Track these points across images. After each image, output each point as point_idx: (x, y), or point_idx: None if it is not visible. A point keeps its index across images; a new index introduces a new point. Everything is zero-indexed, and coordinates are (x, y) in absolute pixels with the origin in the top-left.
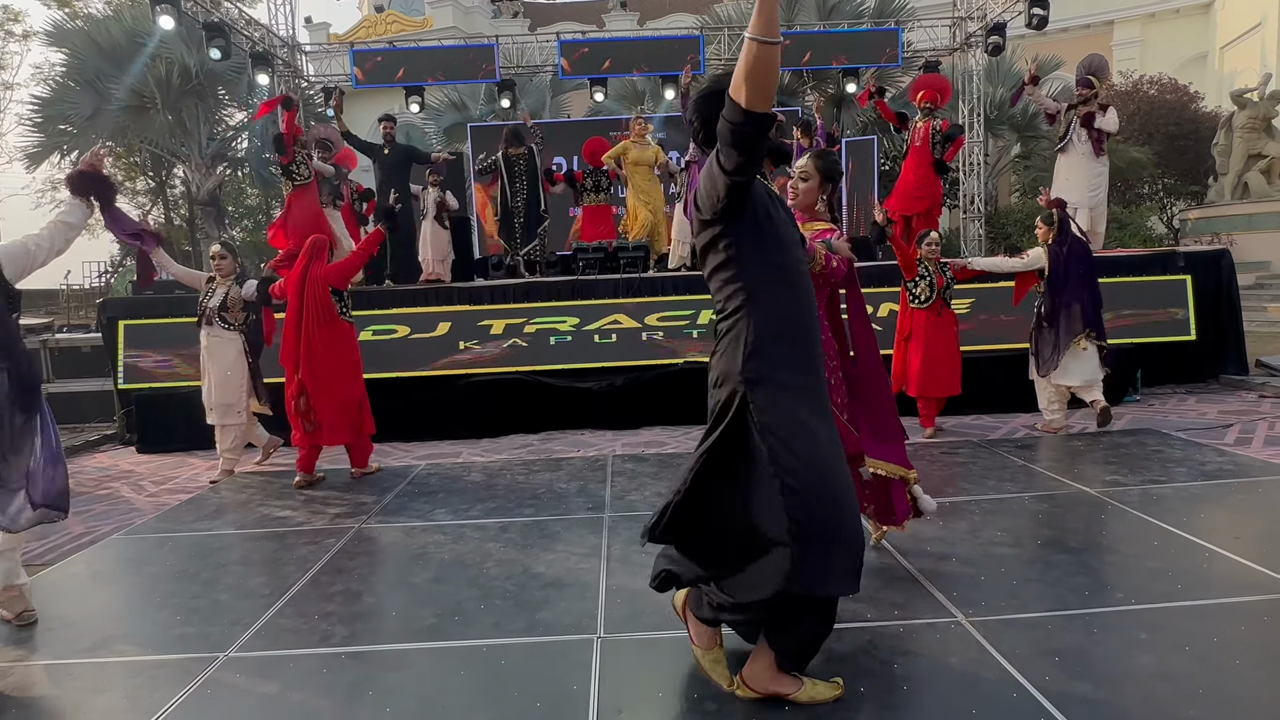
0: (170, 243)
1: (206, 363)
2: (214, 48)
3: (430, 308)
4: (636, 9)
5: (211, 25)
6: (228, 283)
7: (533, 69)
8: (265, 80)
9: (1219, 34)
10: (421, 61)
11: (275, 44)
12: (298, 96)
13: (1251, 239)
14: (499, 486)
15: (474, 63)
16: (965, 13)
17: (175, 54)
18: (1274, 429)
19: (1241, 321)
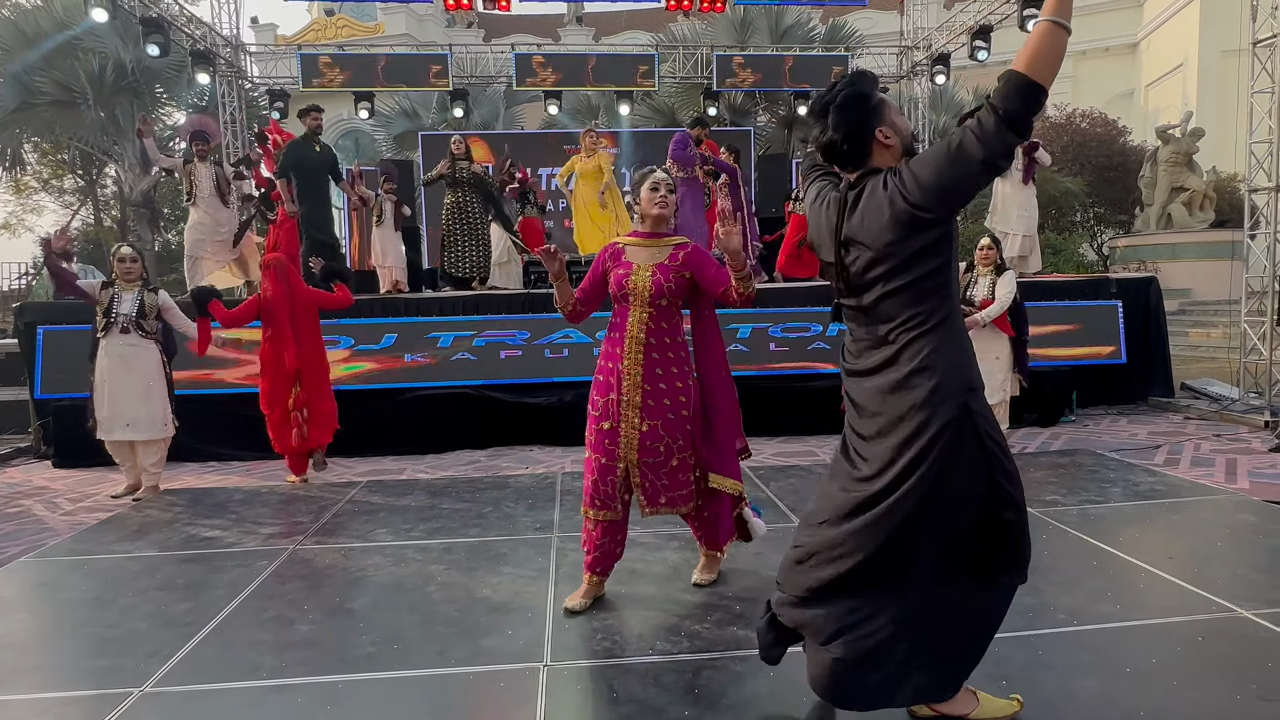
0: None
1: (116, 373)
2: (152, 44)
3: (376, 319)
4: (592, 24)
5: (149, 20)
6: (136, 288)
7: (486, 79)
8: (206, 80)
9: (1145, 73)
10: (372, 67)
11: (218, 43)
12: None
13: (1175, 267)
14: (443, 505)
15: (426, 70)
16: (911, 43)
17: (110, 48)
18: (1199, 450)
19: (1168, 346)
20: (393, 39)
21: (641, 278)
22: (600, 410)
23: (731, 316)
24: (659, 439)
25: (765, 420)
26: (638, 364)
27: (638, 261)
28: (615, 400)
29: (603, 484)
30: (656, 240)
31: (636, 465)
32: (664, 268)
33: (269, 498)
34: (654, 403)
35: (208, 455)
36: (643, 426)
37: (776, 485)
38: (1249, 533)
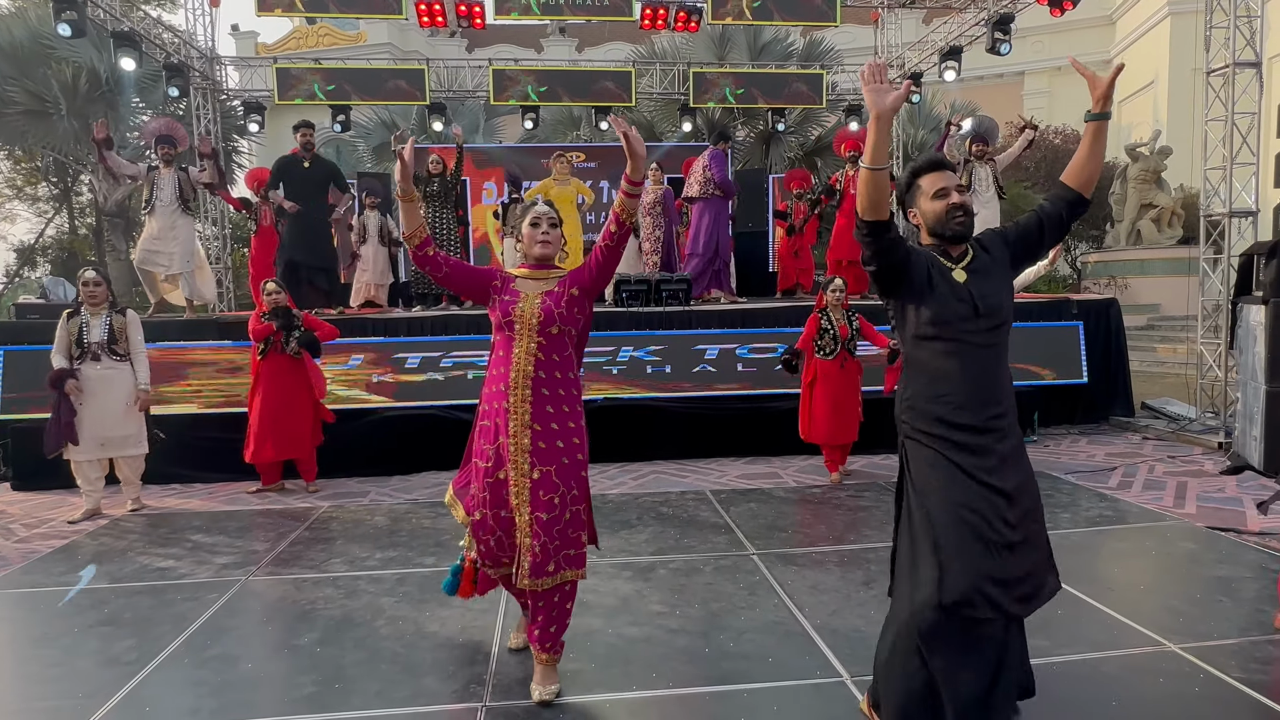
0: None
1: (95, 397)
2: (125, 58)
3: (343, 340)
4: (575, 35)
5: (121, 35)
6: (103, 311)
7: (464, 93)
8: (178, 93)
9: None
10: (348, 81)
11: (192, 55)
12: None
13: (1144, 283)
14: (403, 532)
15: (403, 85)
16: (886, 60)
17: (84, 58)
18: (1153, 472)
19: (1128, 366)
20: (374, 48)
21: (529, 305)
22: (492, 459)
23: (700, 337)
24: (553, 489)
25: (731, 441)
26: (525, 401)
27: (525, 291)
28: (504, 445)
29: (508, 538)
30: (544, 272)
31: (529, 521)
32: (553, 294)
33: (227, 523)
34: (545, 445)
35: (169, 477)
36: (534, 474)
37: (736, 510)
38: (1188, 562)
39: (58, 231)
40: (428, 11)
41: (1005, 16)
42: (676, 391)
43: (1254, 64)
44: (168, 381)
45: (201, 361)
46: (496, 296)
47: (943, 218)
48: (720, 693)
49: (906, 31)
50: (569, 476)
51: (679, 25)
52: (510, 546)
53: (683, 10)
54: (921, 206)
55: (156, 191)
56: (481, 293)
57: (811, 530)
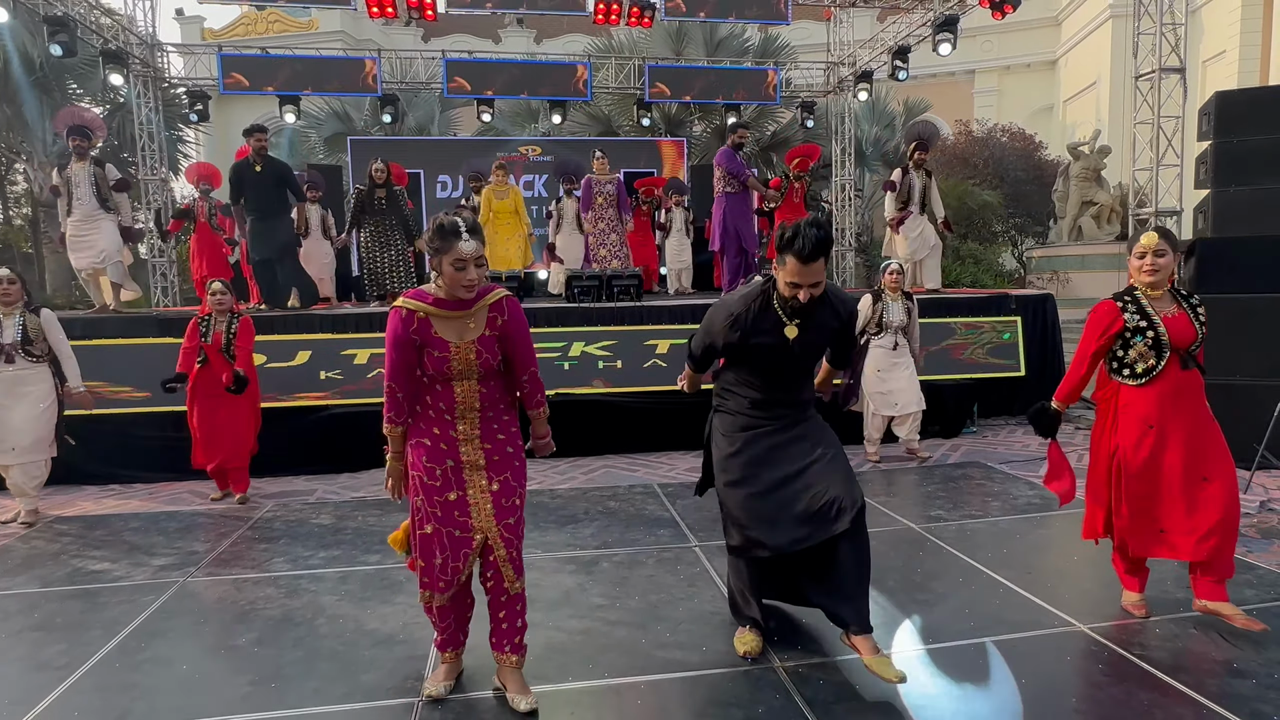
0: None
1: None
2: (55, 44)
3: (289, 335)
4: (534, 27)
5: (54, 19)
6: (16, 311)
7: (418, 84)
8: (119, 80)
9: (1063, 89)
10: (297, 70)
11: (131, 42)
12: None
13: (1085, 277)
14: (347, 530)
15: (354, 75)
16: (838, 58)
17: (16, 42)
18: (1081, 461)
19: (1063, 359)
20: (327, 36)
21: (463, 358)
22: (440, 480)
23: (651, 332)
24: (512, 492)
25: (681, 435)
26: (474, 426)
27: (452, 340)
28: (456, 467)
29: (455, 560)
30: (465, 310)
31: (498, 533)
32: (486, 340)
33: (167, 524)
34: (499, 457)
35: (108, 477)
36: (493, 485)
37: (682, 504)
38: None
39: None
40: (377, 2)
41: (950, 18)
42: (627, 386)
43: (1179, 69)
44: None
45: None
46: (425, 348)
47: (785, 296)
48: (654, 681)
49: (860, 29)
50: (520, 477)
51: (632, 20)
52: (462, 563)
53: (636, 5)
54: (779, 274)
55: (73, 188)
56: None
57: None
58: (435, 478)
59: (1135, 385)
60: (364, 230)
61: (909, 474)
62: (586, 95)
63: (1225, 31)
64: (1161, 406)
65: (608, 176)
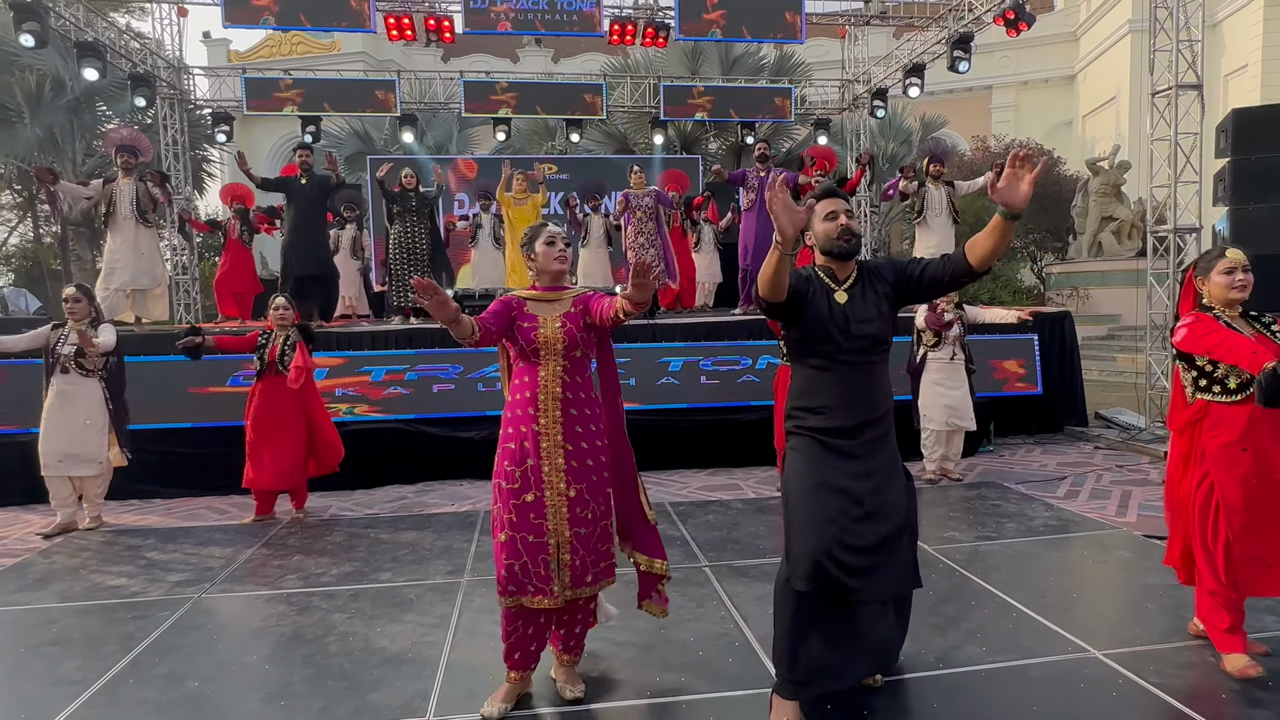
0: (39, 262)
1: (54, 412)
2: (88, 68)
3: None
4: (551, 46)
5: (85, 45)
6: (82, 325)
7: (436, 104)
8: (144, 103)
9: (1081, 103)
10: (318, 91)
11: (159, 65)
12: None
13: (1105, 293)
14: (360, 547)
15: (374, 95)
16: (853, 75)
17: (49, 66)
18: (1100, 481)
19: (1081, 378)
20: (349, 57)
21: (551, 329)
22: (519, 481)
23: (663, 350)
24: (586, 505)
25: (694, 453)
26: (556, 422)
27: (542, 315)
28: (535, 467)
29: (535, 565)
30: (557, 294)
31: (568, 540)
32: (572, 316)
33: (184, 540)
34: (578, 464)
35: (130, 493)
36: (570, 492)
37: (693, 523)
38: (1121, 570)
39: (21, 240)
40: (396, 25)
41: (965, 36)
42: (641, 404)
43: (1196, 86)
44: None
45: (166, 376)
46: (518, 323)
47: (831, 237)
48: (659, 705)
49: (876, 45)
50: (598, 494)
51: (647, 41)
52: (544, 569)
53: (651, 26)
54: (815, 228)
55: (115, 204)
56: (509, 329)
57: (764, 542)
58: (514, 480)
59: (1228, 402)
60: (392, 233)
61: (923, 493)
62: (603, 114)
63: (1247, 45)
64: (1253, 426)
65: (644, 190)
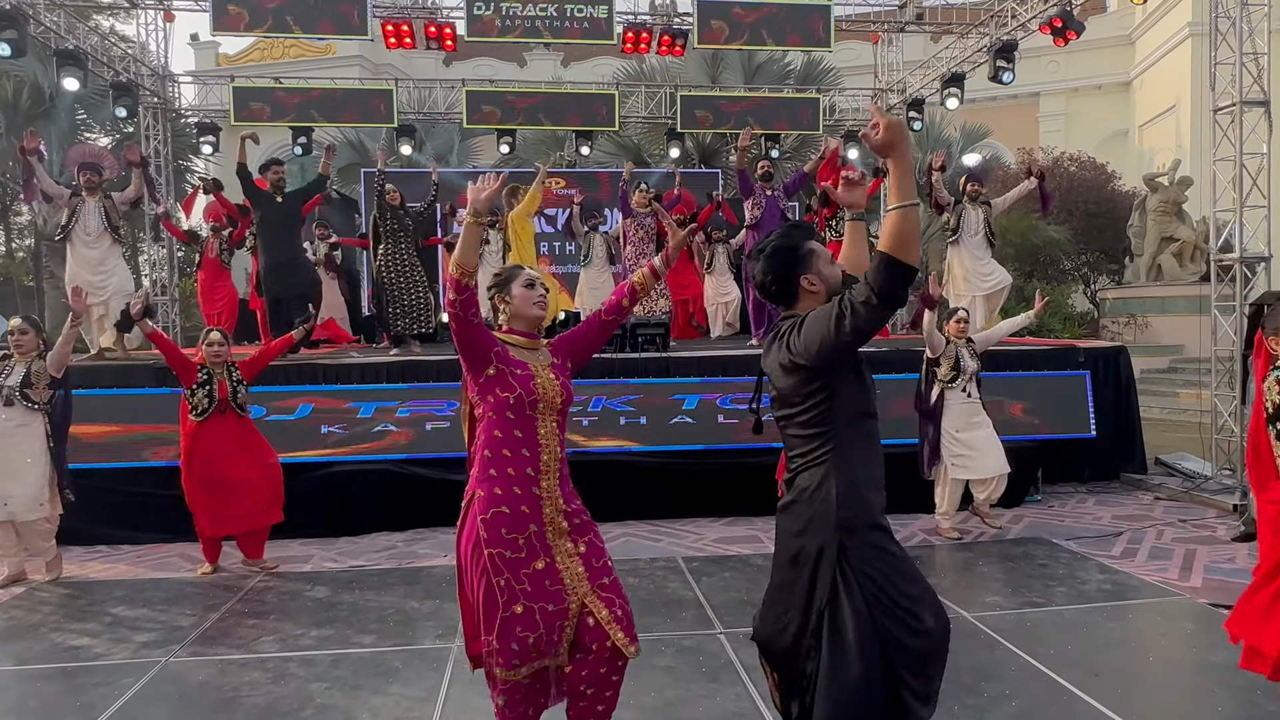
0: (10, 278)
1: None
2: (68, 78)
3: (289, 386)
4: (560, 50)
5: (65, 53)
6: (28, 359)
7: (436, 114)
8: (125, 113)
9: (1138, 113)
10: (310, 101)
11: (143, 72)
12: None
13: (1165, 321)
14: (343, 605)
15: (370, 105)
16: (886, 84)
17: (28, 73)
18: (1161, 538)
19: (1139, 419)
20: (344, 61)
21: (547, 380)
22: (524, 549)
23: (677, 386)
24: (600, 554)
25: (710, 500)
26: (556, 485)
27: (532, 363)
28: (539, 533)
29: (551, 633)
30: (537, 343)
31: (594, 595)
32: (559, 369)
33: (153, 594)
34: (580, 520)
35: (95, 538)
36: (580, 547)
37: (708, 582)
38: (1184, 645)
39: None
40: (394, 32)
41: (1009, 44)
42: (652, 445)
43: (1263, 103)
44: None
45: (136, 409)
46: (503, 368)
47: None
48: None
49: (911, 50)
50: (600, 539)
51: (663, 49)
52: (558, 636)
53: (667, 33)
54: (822, 270)
55: (79, 221)
56: (483, 357)
57: None
58: (519, 549)
59: None
60: (380, 253)
61: (962, 551)
62: (614, 125)
63: None
64: None
65: (648, 210)
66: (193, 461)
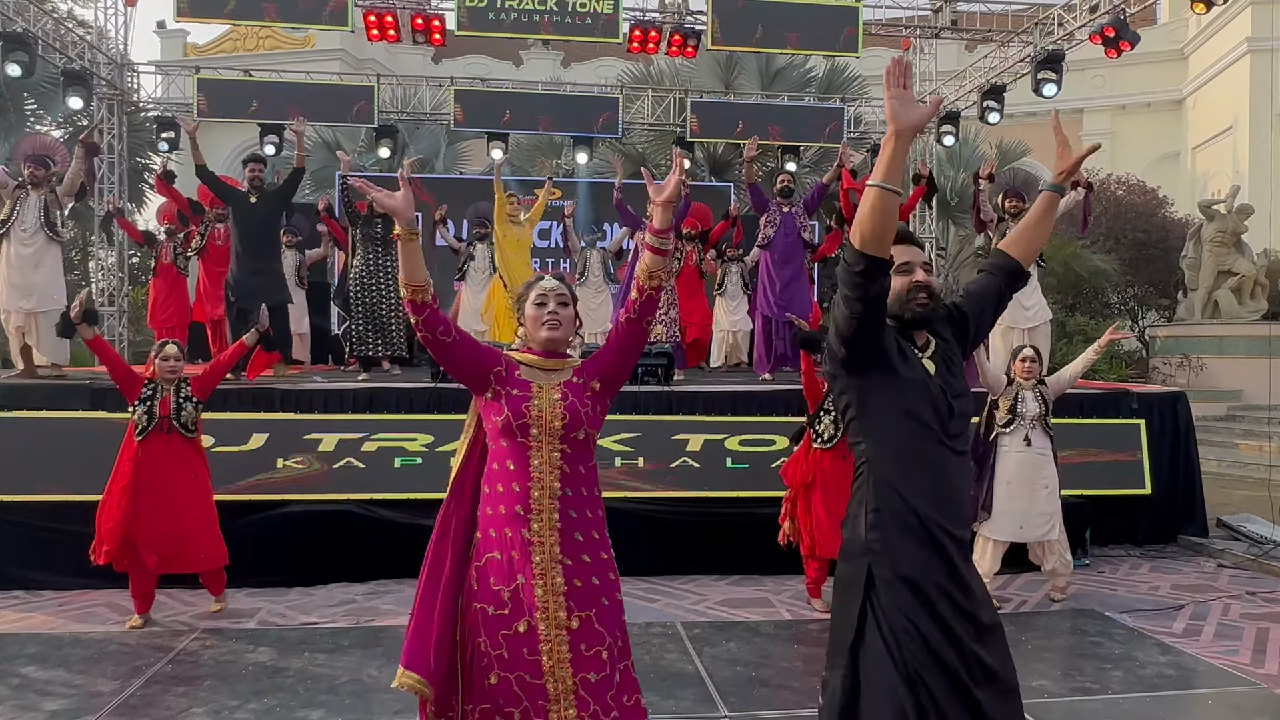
0: None
1: None
2: (12, 63)
3: (242, 414)
4: (560, 49)
5: (11, 36)
6: None
7: (421, 114)
8: (79, 104)
9: (1191, 134)
10: (282, 97)
11: (99, 60)
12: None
13: (1222, 364)
14: (289, 670)
15: (347, 103)
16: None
17: None
18: (1228, 613)
19: (1199, 474)
20: (323, 54)
21: (548, 402)
22: (508, 605)
23: (680, 424)
24: (598, 639)
25: (715, 555)
26: (553, 527)
27: (537, 383)
28: (527, 587)
29: (536, 712)
30: (558, 362)
31: (571, 689)
32: (573, 387)
33: (71, 651)
34: (581, 583)
35: (14, 582)
36: (572, 623)
37: (711, 653)
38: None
39: None
40: (378, 24)
41: (1055, 54)
42: (650, 490)
43: None
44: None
45: (67, 435)
46: (500, 389)
47: (902, 296)
48: None
49: (945, 59)
50: (613, 622)
51: (674, 50)
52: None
53: (678, 33)
54: None
55: (18, 213)
56: (479, 379)
57: (804, 684)
58: (503, 604)
59: None
60: (353, 265)
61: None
62: (617, 132)
63: None
64: None
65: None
66: (135, 487)
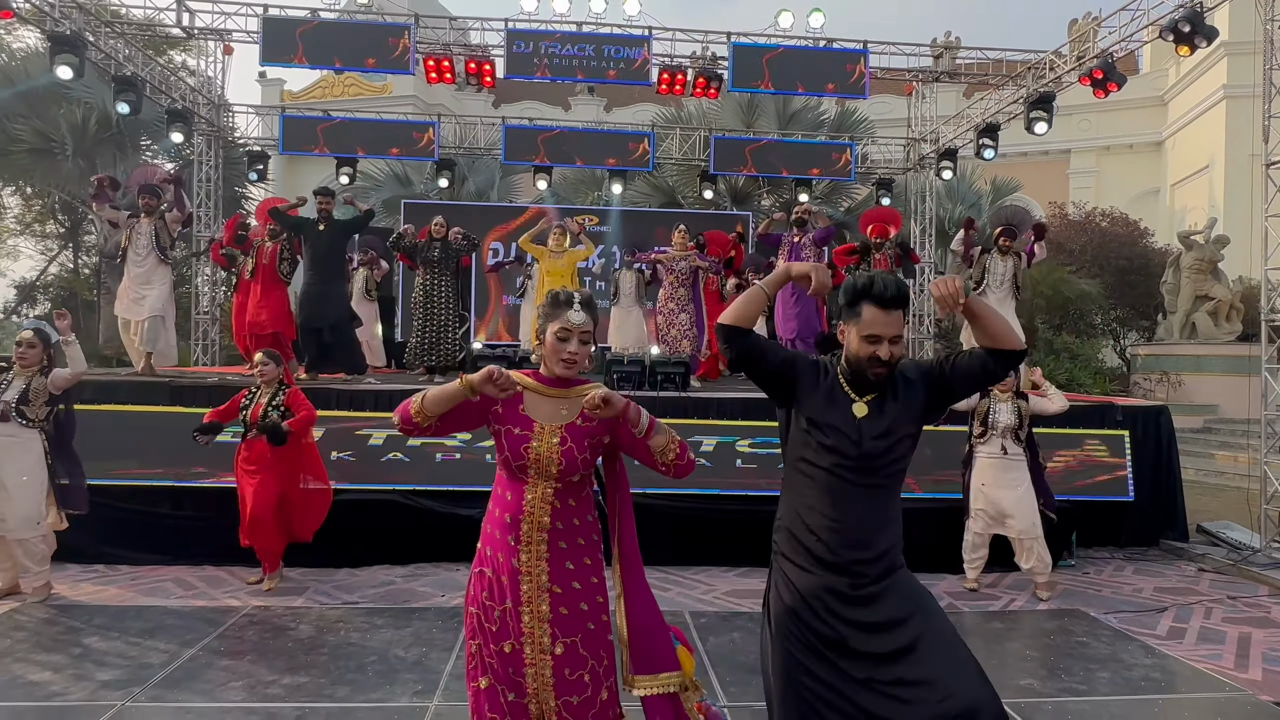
0: (75, 294)
1: None
2: (122, 102)
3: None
4: (604, 95)
5: (122, 79)
6: (29, 373)
7: (478, 150)
8: (179, 138)
9: (1170, 172)
10: (355, 133)
11: (199, 102)
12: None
13: (1199, 381)
14: (325, 647)
15: (411, 138)
16: (919, 134)
17: (96, 98)
18: (1210, 617)
19: (1181, 483)
20: (399, 100)
21: (547, 446)
22: (497, 625)
23: (695, 427)
24: (582, 664)
25: (724, 548)
26: (541, 558)
27: (540, 420)
28: (513, 612)
29: None
30: (565, 391)
31: (554, 710)
32: (576, 430)
33: (133, 623)
34: (568, 611)
35: (95, 556)
36: (556, 649)
37: (715, 642)
38: None
39: (60, 269)
40: (435, 68)
41: (1045, 96)
42: (665, 485)
43: None
44: (108, 446)
45: (148, 427)
46: (500, 427)
47: (863, 362)
48: None
49: (945, 104)
50: (598, 645)
51: (698, 91)
52: None
53: (702, 76)
54: (850, 334)
55: (134, 240)
56: (478, 424)
57: None
58: (492, 619)
59: None
60: (416, 284)
61: (991, 620)
62: (648, 166)
63: None
64: None
65: (684, 254)
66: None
